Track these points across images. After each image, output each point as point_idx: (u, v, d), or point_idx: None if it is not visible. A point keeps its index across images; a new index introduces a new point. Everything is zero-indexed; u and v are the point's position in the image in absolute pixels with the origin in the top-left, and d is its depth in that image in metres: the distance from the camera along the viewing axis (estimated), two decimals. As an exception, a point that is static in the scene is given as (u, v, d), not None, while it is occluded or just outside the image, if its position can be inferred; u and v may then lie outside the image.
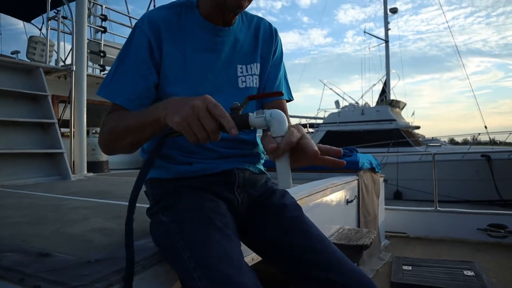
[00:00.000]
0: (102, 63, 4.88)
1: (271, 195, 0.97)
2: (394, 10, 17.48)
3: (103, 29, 4.88)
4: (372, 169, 3.11)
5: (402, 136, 12.11)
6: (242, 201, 0.94)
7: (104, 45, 4.88)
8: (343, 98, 16.19)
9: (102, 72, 4.88)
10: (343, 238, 2.11)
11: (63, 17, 4.21)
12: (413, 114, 19.31)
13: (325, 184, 2.17)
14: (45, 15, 4.27)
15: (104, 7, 5.16)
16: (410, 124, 13.85)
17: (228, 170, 0.93)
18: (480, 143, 13.37)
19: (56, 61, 4.11)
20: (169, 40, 0.87)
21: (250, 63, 0.96)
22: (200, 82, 0.89)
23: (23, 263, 0.76)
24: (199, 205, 0.84)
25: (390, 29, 17.06)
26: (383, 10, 17.20)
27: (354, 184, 2.74)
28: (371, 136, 12.18)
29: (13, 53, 5.09)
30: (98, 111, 4.12)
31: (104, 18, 4.95)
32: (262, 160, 1.05)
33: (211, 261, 0.69)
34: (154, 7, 1.04)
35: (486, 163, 9.34)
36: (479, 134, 12.63)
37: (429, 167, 4.10)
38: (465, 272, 2.52)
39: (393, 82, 16.56)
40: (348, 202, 2.55)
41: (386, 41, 17.04)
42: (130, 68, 0.85)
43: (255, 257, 1.12)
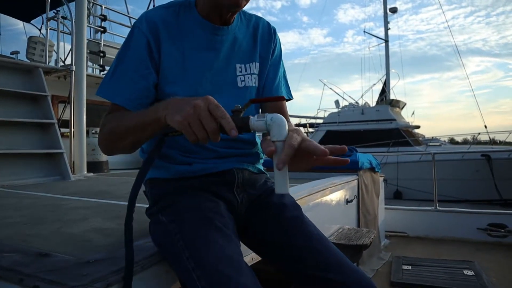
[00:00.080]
0: (101, 63, 4.88)
1: (271, 195, 0.97)
2: (394, 10, 17.50)
3: (102, 29, 4.88)
4: (372, 169, 3.11)
5: (402, 136, 12.12)
6: (241, 201, 0.94)
7: (104, 45, 4.88)
8: (343, 98, 16.23)
9: (102, 72, 4.87)
10: (343, 237, 2.11)
11: (62, 17, 4.21)
12: (413, 113, 19.34)
13: (325, 183, 2.17)
14: (45, 16, 4.27)
15: (103, 7, 5.15)
16: (410, 124, 13.86)
17: (227, 170, 0.93)
18: (480, 142, 13.38)
19: (56, 61, 4.12)
20: (168, 39, 0.87)
21: (249, 62, 0.96)
22: (199, 81, 0.89)
23: (22, 263, 0.76)
24: (198, 205, 0.84)
25: (390, 28, 17.10)
26: (383, 10, 17.24)
27: (354, 183, 2.74)
28: (371, 135, 12.19)
29: (12, 53, 5.08)
30: (98, 111, 4.12)
31: (103, 18, 4.95)
32: (262, 160, 1.05)
33: (211, 261, 0.69)
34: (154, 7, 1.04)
35: (486, 162, 9.35)
36: (479, 133, 12.65)
37: (429, 166, 4.10)
38: (465, 272, 2.52)
39: (393, 82, 16.60)
40: (348, 201, 2.55)
41: (386, 41, 17.05)
42: (129, 68, 0.85)
43: (254, 257, 1.12)
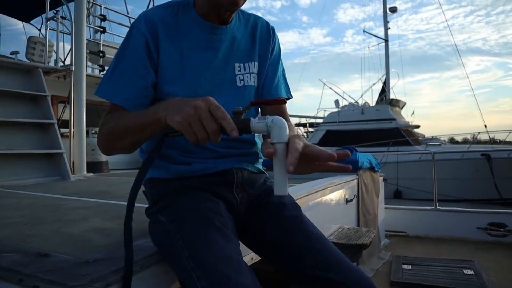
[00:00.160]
0: (101, 63, 4.88)
1: (270, 195, 0.97)
2: (394, 9, 17.50)
3: (102, 29, 4.87)
4: (372, 169, 3.11)
5: (402, 135, 12.13)
6: (241, 200, 0.94)
7: (103, 45, 4.87)
8: (343, 98, 16.25)
9: (102, 72, 4.87)
10: (343, 237, 2.11)
11: (62, 18, 4.21)
12: (413, 113, 19.31)
13: (325, 183, 2.17)
14: (44, 16, 4.27)
15: (103, 7, 5.15)
16: (410, 123, 13.87)
17: (226, 170, 0.93)
18: (480, 142, 13.40)
19: (56, 62, 4.12)
20: (166, 39, 0.87)
21: (248, 62, 0.96)
22: (198, 80, 0.89)
23: (22, 263, 0.76)
24: (198, 205, 0.84)
25: (389, 28, 17.10)
26: (382, 9, 17.23)
27: (354, 183, 2.74)
28: (371, 135, 12.20)
29: (12, 53, 5.08)
30: (98, 111, 4.12)
31: (103, 18, 4.95)
32: (261, 160, 1.05)
33: (210, 261, 0.69)
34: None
35: (486, 162, 9.35)
36: (479, 133, 12.67)
37: (429, 166, 4.10)
38: (465, 271, 2.52)
39: (392, 81, 16.60)
40: (347, 201, 2.56)
41: (386, 40, 17.05)
42: (127, 68, 0.85)
43: (254, 256, 1.12)
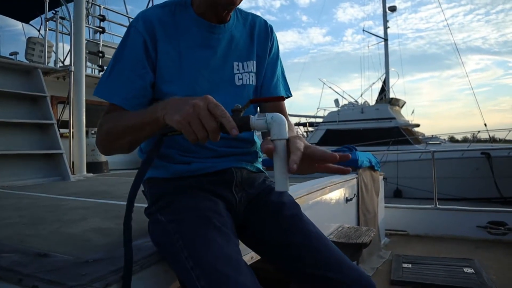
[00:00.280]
0: (100, 64, 4.87)
1: (269, 194, 0.97)
2: (393, 8, 17.50)
3: (101, 30, 4.87)
4: (372, 168, 3.11)
5: (401, 134, 12.14)
6: (240, 200, 0.94)
7: (103, 45, 4.87)
8: (343, 97, 16.28)
9: (101, 73, 4.86)
10: (343, 236, 2.11)
11: (61, 18, 4.21)
12: (413, 112, 19.41)
13: (324, 182, 2.17)
14: (44, 16, 4.26)
15: (102, 8, 5.15)
16: (410, 122, 13.88)
17: (226, 169, 0.93)
18: (479, 140, 13.43)
19: (55, 62, 4.12)
20: (164, 38, 0.86)
21: (246, 61, 0.96)
22: (196, 79, 0.89)
23: (21, 263, 0.76)
24: (197, 205, 0.84)
25: (389, 27, 17.12)
26: (382, 8, 17.26)
27: (354, 182, 2.74)
28: (370, 134, 12.21)
29: (11, 54, 5.06)
30: (97, 112, 4.11)
31: (102, 19, 4.94)
32: (260, 159, 1.05)
33: (210, 260, 0.69)
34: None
35: (486, 160, 9.36)
36: (478, 131, 12.70)
37: (429, 165, 4.11)
38: (465, 270, 2.52)
39: (392, 81, 16.61)
40: (347, 200, 2.56)
41: (385, 39, 17.05)
42: (126, 67, 0.85)
43: (253, 255, 1.12)
